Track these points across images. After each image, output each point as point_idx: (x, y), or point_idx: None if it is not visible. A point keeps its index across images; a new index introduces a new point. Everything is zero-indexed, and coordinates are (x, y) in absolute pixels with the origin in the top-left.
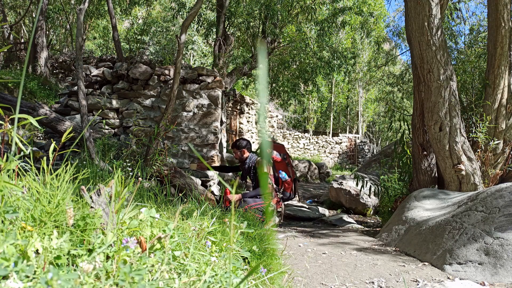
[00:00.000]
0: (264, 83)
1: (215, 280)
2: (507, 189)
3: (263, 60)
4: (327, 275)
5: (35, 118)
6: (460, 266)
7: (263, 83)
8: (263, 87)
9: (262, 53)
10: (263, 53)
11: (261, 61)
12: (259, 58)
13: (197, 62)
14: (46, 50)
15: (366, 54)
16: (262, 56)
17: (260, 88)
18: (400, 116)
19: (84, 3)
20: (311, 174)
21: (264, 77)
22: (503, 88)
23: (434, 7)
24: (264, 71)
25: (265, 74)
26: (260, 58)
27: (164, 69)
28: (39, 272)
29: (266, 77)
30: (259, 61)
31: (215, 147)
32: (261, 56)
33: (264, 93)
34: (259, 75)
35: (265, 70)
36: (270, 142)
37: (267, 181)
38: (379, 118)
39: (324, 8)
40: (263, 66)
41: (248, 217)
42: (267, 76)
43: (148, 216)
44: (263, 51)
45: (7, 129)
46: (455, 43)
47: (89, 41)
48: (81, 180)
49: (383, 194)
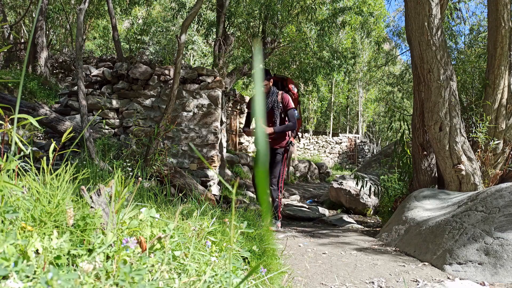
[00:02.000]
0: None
1: (215, 280)
2: (507, 189)
3: (258, 59)
4: (327, 275)
5: (35, 118)
6: (460, 266)
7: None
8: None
9: (259, 53)
10: (259, 53)
11: (256, 61)
12: (254, 59)
13: (197, 62)
14: (46, 50)
15: (366, 54)
16: (258, 57)
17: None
18: (400, 116)
19: (84, 3)
20: (311, 174)
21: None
22: (503, 88)
23: (434, 7)
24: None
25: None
26: (256, 58)
27: (164, 69)
28: (39, 272)
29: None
30: (255, 61)
31: (215, 147)
32: (257, 56)
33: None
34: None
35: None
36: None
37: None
38: (379, 118)
39: (324, 8)
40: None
41: (248, 217)
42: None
43: (148, 216)
44: (259, 51)
45: (7, 129)
46: (455, 43)
47: (89, 41)
48: (81, 180)
49: (383, 194)
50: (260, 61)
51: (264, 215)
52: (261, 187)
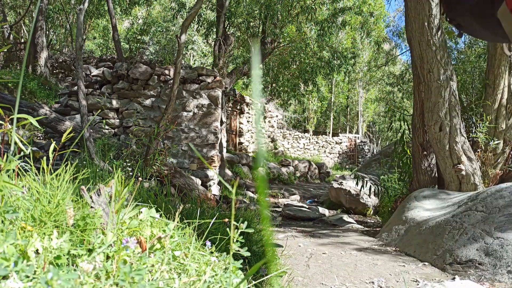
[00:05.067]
0: (258, 83)
1: (215, 280)
2: (507, 189)
3: (256, 61)
4: (327, 275)
5: (35, 118)
6: (460, 266)
7: (257, 84)
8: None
9: (257, 54)
10: (257, 53)
11: (255, 62)
12: (252, 59)
13: (197, 62)
14: (46, 50)
15: (366, 54)
16: (256, 57)
17: (254, 89)
18: (400, 116)
19: (84, 3)
20: (311, 174)
21: (257, 76)
22: (503, 88)
23: (434, 7)
24: (257, 66)
25: (258, 73)
26: (254, 59)
27: (164, 69)
28: (39, 272)
29: (259, 76)
30: (253, 63)
31: (215, 147)
32: (255, 57)
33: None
34: (253, 76)
35: (257, 64)
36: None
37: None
38: (379, 118)
39: (324, 8)
40: (256, 66)
41: (248, 217)
42: (260, 74)
43: (148, 216)
44: (257, 52)
45: (7, 129)
46: (455, 43)
47: (89, 41)
48: (81, 180)
49: (383, 194)
50: (259, 61)
51: (263, 216)
52: (261, 187)
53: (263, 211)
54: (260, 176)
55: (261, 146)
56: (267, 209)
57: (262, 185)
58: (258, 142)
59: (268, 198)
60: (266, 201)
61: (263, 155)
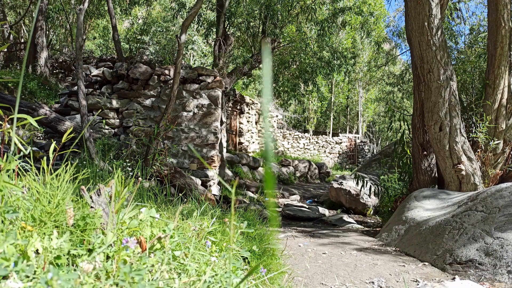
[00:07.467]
0: (268, 85)
1: (215, 280)
2: (507, 189)
3: (267, 61)
4: (327, 275)
5: (35, 118)
6: (460, 266)
7: (267, 85)
8: (267, 88)
9: (266, 53)
10: (267, 53)
11: (265, 62)
12: (263, 57)
13: (197, 62)
14: (46, 50)
15: (366, 54)
16: (266, 56)
17: (264, 89)
18: (400, 116)
19: (84, 3)
20: (311, 174)
21: (268, 78)
22: (503, 88)
23: (434, 7)
24: (268, 70)
25: (269, 75)
26: (264, 57)
27: (164, 69)
28: (39, 272)
29: (270, 78)
30: (263, 61)
31: (215, 147)
32: (265, 55)
33: (268, 94)
34: (263, 75)
35: (268, 68)
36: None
37: None
38: (379, 118)
39: (324, 8)
40: (267, 67)
41: (248, 217)
42: (270, 77)
43: (148, 216)
44: (267, 51)
45: (7, 129)
46: (455, 43)
47: (89, 41)
48: (81, 180)
49: (383, 194)
50: (270, 62)
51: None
52: (269, 186)
53: (272, 211)
54: (268, 173)
55: (269, 148)
56: (274, 209)
57: (270, 185)
58: (266, 144)
59: (267, 198)
60: (274, 202)
61: (272, 158)
